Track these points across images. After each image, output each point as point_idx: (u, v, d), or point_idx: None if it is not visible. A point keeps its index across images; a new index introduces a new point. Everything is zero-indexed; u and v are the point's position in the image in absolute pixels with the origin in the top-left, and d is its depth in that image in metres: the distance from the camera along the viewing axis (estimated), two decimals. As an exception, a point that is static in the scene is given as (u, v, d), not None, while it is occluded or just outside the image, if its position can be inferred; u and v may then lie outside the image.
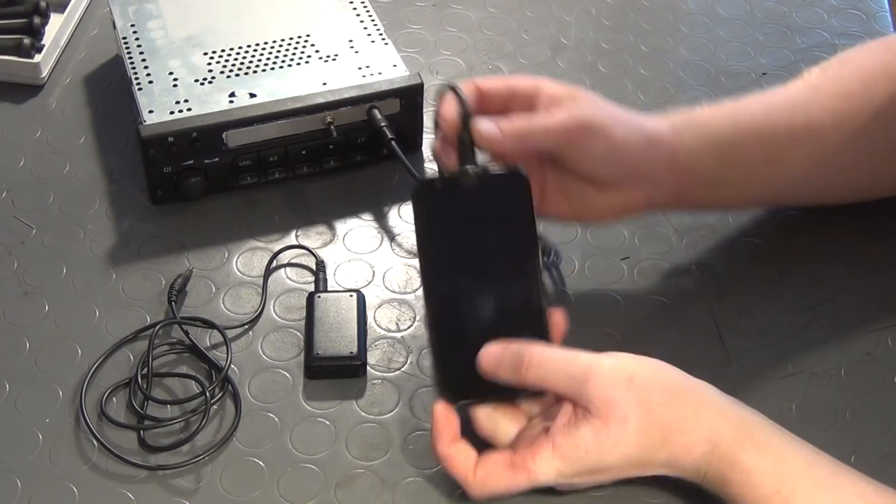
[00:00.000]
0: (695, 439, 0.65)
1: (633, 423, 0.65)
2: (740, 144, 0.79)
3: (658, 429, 0.66)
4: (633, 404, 0.65)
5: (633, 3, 1.09)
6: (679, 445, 0.66)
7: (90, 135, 0.94)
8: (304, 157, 0.88)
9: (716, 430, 0.65)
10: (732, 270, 0.84)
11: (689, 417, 0.66)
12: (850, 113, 0.80)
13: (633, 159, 0.76)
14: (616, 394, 0.65)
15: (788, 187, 0.83)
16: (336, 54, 0.91)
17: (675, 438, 0.66)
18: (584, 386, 0.65)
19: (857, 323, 0.81)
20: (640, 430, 0.65)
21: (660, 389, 0.66)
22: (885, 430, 0.75)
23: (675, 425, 0.66)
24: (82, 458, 0.72)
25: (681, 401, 0.66)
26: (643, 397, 0.65)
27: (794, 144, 0.80)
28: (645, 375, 0.67)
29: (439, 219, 0.70)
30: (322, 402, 0.75)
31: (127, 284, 0.82)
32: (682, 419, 0.66)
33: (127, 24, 0.94)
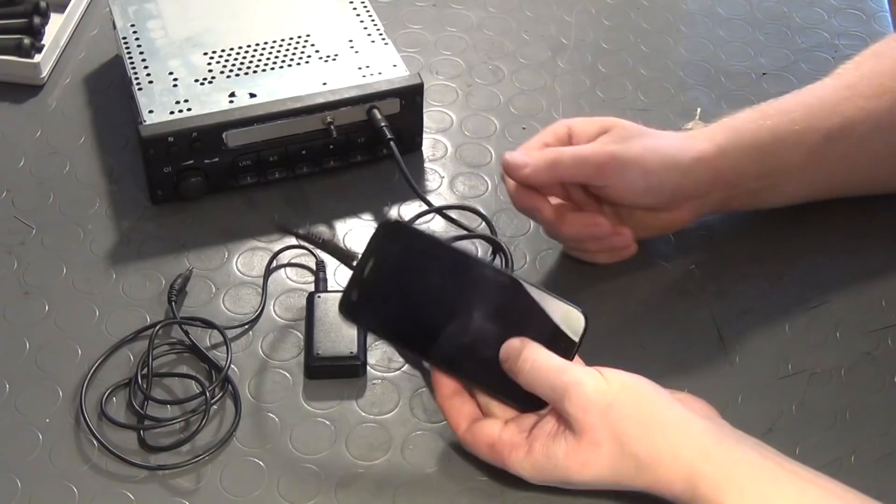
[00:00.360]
0: (672, 476, 0.65)
1: (605, 449, 0.65)
2: (781, 154, 0.80)
3: (631, 460, 0.65)
4: (607, 433, 0.65)
5: (633, 3, 1.09)
6: (656, 478, 0.65)
7: (90, 135, 0.94)
8: (304, 157, 0.88)
9: (695, 472, 0.64)
10: (732, 270, 0.84)
11: (665, 454, 0.65)
12: (885, 110, 0.81)
13: (671, 185, 0.77)
14: (591, 419, 0.65)
15: (828, 186, 0.84)
16: (336, 54, 0.91)
17: (651, 472, 0.65)
18: (562, 401, 0.66)
19: (857, 323, 0.81)
20: (611, 458, 0.65)
21: (637, 423, 0.65)
22: (885, 430, 0.75)
23: (649, 460, 0.65)
24: (82, 458, 0.72)
25: (659, 436, 0.65)
26: (619, 427, 0.65)
27: (831, 145, 0.81)
28: (626, 405, 0.66)
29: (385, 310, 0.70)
30: (322, 402, 0.75)
31: (127, 284, 0.82)
32: (658, 455, 0.65)
33: (127, 24, 0.94)
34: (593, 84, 1.00)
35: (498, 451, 0.68)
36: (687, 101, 0.98)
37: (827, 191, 0.85)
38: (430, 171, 0.92)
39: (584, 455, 0.66)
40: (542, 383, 0.67)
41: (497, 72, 1.01)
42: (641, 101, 0.98)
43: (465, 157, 0.93)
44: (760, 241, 0.86)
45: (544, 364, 0.67)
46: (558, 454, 0.66)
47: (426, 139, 0.93)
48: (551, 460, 0.67)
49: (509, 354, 0.69)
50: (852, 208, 0.88)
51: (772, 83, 1.00)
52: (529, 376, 0.68)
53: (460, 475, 0.71)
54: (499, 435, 0.69)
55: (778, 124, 0.80)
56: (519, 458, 0.68)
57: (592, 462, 0.66)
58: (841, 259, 0.85)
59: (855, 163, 0.83)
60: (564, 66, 1.02)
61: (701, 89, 1.00)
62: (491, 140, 0.94)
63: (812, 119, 0.81)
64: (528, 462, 0.67)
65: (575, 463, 0.66)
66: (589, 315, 0.69)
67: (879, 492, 0.65)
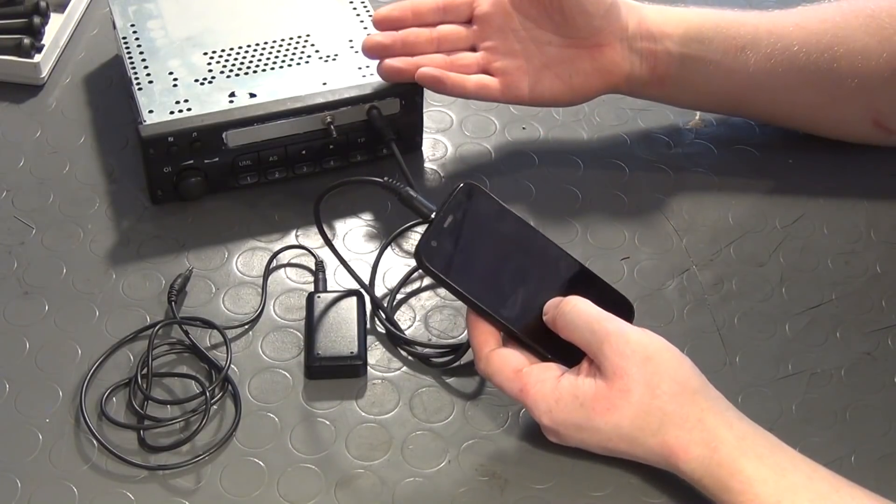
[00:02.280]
0: (693, 439, 0.65)
1: (634, 397, 0.66)
2: (703, 30, 0.85)
3: (657, 414, 0.66)
4: (641, 382, 0.66)
5: (633, 3, 1.09)
6: (675, 439, 0.66)
7: (90, 135, 0.94)
8: (304, 157, 0.88)
9: (717, 437, 0.65)
10: (732, 270, 0.84)
11: (691, 417, 0.66)
12: (814, 31, 0.85)
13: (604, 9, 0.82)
14: (628, 365, 0.66)
15: (747, 87, 0.87)
16: (336, 54, 0.91)
17: (672, 431, 0.66)
18: (601, 345, 0.67)
19: (857, 323, 0.81)
20: (638, 408, 0.66)
21: (672, 380, 0.67)
22: (885, 430, 0.75)
23: (675, 418, 0.66)
24: (82, 458, 0.72)
25: (689, 399, 0.66)
26: (653, 381, 0.66)
27: (755, 42, 0.85)
28: (663, 362, 0.67)
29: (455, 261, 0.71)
30: (322, 402, 0.75)
31: (127, 284, 0.82)
32: (684, 416, 0.66)
33: (127, 24, 0.94)
34: (593, 84, 1.00)
35: (522, 379, 0.68)
36: (687, 101, 0.98)
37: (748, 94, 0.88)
38: (430, 171, 0.92)
39: (612, 399, 0.66)
40: (582, 328, 0.68)
41: (497, 72, 1.01)
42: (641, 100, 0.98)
43: (465, 157, 0.93)
44: (760, 241, 0.86)
45: (586, 310, 0.68)
46: (587, 392, 0.67)
47: (426, 139, 0.93)
48: (578, 398, 0.67)
49: (552, 304, 0.70)
50: (852, 208, 0.88)
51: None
52: (569, 319, 0.68)
53: (460, 475, 0.71)
54: (527, 365, 0.69)
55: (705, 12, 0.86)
56: (545, 392, 0.68)
57: (619, 407, 0.66)
58: (841, 259, 0.85)
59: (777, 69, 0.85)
60: (564, 66, 1.02)
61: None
62: (491, 140, 0.94)
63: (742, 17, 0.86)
64: (552, 397, 0.67)
65: (601, 405, 0.66)
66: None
67: (879, 492, 0.66)
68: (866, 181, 0.90)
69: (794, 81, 0.86)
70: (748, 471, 0.64)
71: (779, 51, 0.85)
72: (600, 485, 0.71)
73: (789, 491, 0.64)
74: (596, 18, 0.83)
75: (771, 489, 0.64)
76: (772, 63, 0.85)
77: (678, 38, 0.85)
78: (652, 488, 0.71)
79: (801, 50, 0.85)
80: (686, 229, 0.87)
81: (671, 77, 0.86)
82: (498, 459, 0.72)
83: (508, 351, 0.70)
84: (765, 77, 0.86)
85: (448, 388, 0.76)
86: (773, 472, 0.64)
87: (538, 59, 0.85)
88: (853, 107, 0.87)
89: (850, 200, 0.89)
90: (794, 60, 0.85)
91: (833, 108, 0.88)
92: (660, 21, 0.85)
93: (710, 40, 0.85)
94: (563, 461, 0.72)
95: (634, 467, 0.71)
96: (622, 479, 0.71)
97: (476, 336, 0.71)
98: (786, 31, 0.85)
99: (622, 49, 0.84)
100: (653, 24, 0.85)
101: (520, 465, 0.72)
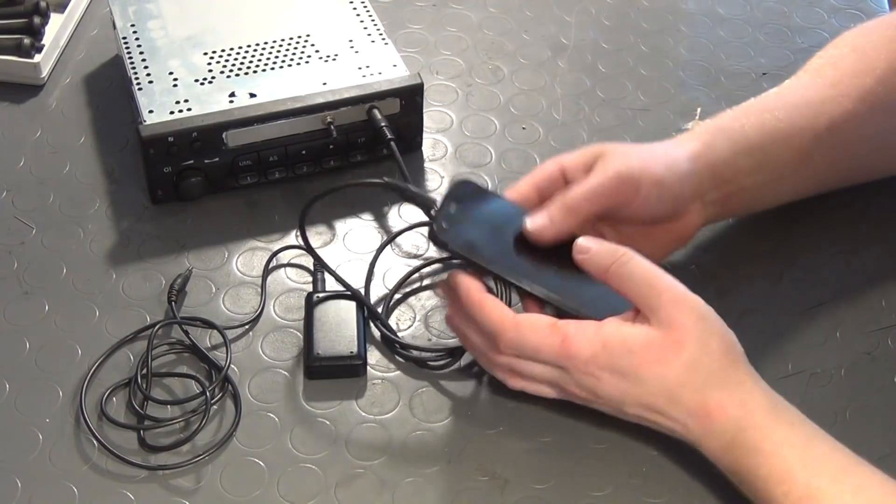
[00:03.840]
0: (732, 400, 0.66)
1: (686, 351, 0.66)
2: (770, 150, 0.81)
3: (704, 371, 0.67)
4: (694, 337, 0.66)
5: (633, 3, 1.09)
6: (713, 399, 0.66)
7: (90, 135, 0.94)
8: (304, 157, 0.88)
9: (754, 399, 0.67)
10: (732, 270, 0.84)
11: (733, 379, 0.67)
12: (866, 111, 0.82)
13: (678, 187, 0.77)
14: (684, 320, 0.67)
15: (815, 184, 0.85)
16: (336, 54, 0.91)
17: (713, 390, 0.67)
18: (658, 297, 0.67)
19: (857, 323, 0.81)
20: (688, 362, 0.66)
21: (721, 342, 0.68)
22: (885, 430, 0.75)
23: (719, 376, 0.67)
24: (82, 458, 0.72)
25: (733, 362, 0.68)
26: (705, 338, 0.67)
27: (818, 144, 0.82)
28: (715, 324, 0.68)
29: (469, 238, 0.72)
30: (322, 402, 0.75)
31: (127, 284, 0.82)
32: (727, 377, 0.67)
33: (127, 24, 0.94)
34: (593, 84, 1.00)
35: (560, 329, 0.68)
36: (687, 101, 0.98)
37: (816, 188, 0.86)
38: (430, 171, 0.92)
39: (664, 349, 0.66)
40: (639, 281, 0.68)
41: (497, 72, 1.01)
42: (641, 101, 0.98)
43: (465, 157, 0.93)
44: (760, 241, 0.86)
45: (644, 263, 0.68)
46: (637, 339, 0.67)
47: (426, 139, 0.93)
48: (626, 343, 0.67)
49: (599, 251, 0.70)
50: (852, 208, 0.88)
51: (772, 83, 0.99)
52: (627, 270, 0.68)
53: (460, 475, 0.71)
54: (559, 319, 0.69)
55: (763, 121, 0.81)
56: (589, 335, 0.67)
57: (669, 359, 0.66)
58: (841, 259, 0.85)
59: (840, 162, 0.84)
60: (564, 66, 1.02)
61: (701, 89, 1.00)
62: (491, 140, 0.94)
63: (798, 118, 0.82)
64: (598, 340, 0.67)
65: (651, 354, 0.67)
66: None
67: (879, 492, 0.66)
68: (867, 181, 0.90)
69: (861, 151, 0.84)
70: (779, 435, 0.65)
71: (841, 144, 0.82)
72: (600, 485, 0.71)
73: (815, 459, 0.65)
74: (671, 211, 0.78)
75: (798, 453, 0.65)
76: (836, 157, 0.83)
77: (749, 170, 0.80)
78: (652, 488, 0.71)
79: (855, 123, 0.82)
80: (686, 229, 0.87)
81: (744, 206, 0.84)
82: (498, 459, 0.72)
83: (532, 313, 0.70)
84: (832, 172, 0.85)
85: (448, 388, 0.76)
86: (802, 440, 0.66)
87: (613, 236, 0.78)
88: None
89: (850, 200, 0.89)
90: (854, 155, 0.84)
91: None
92: (729, 159, 0.79)
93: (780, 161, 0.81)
94: (563, 461, 0.72)
95: (635, 467, 0.71)
96: (622, 479, 0.71)
97: (489, 315, 0.70)
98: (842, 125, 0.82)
99: (697, 209, 0.79)
100: (724, 166, 0.79)
101: (520, 465, 0.72)
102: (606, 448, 0.73)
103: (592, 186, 0.74)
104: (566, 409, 0.74)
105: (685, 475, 0.71)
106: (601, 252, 0.70)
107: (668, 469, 0.71)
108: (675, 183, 0.77)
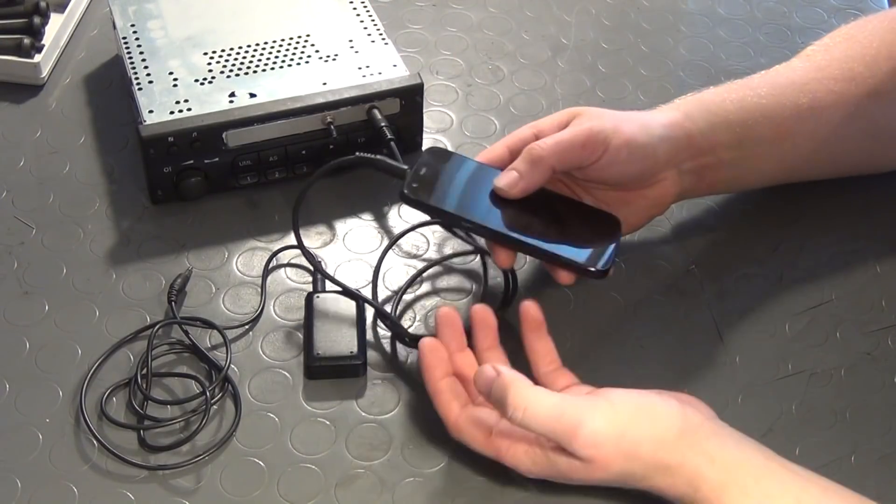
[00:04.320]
0: (677, 481, 0.66)
1: (614, 468, 0.66)
2: (750, 125, 0.81)
3: (640, 466, 0.66)
4: (620, 457, 0.66)
5: (633, 3, 1.09)
6: (661, 481, 0.66)
7: (90, 135, 0.94)
8: (304, 157, 0.88)
9: (700, 475, 0.65)
10: (732, 270, 0.84)
11: (672, 463, 0.66)
12: (852, 94, 0.82)
13: (653, 151, 0.77)
14: (603, 450, 0.66)
15: (796, 164, 0.85)
16: (336, 54, 0.91)
17: (658, 478, 0.66)
18: (571, 441, 0.65)
19: (857, 323, 0.81)
20: (619, 473, 0.66)
21: (651, 440, 0.66)
22: (885, 430, 0.75)
23: (658, 467, 0.66)
24: (82, 458, 0.72)
25: (670, 448, 0.66)
26: (631, 449, 0.66)
27: (800, 123, 0.82)
28: (639, 428, 0.66)
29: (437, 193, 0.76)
30: (322, 402, 0.75)
31: (127, 284, 0.82)
32: (666, 465, 0.66)
33: (127, 24, 0.94)
34: (593, 84, 1.00)
35: (495, 444, 0.68)
36: (687, 101, 0.98)
37: (797, 169, 0.86)
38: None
39: (591, 471, 0.66)
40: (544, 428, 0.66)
41: (497, 72, 1.01)
42: (641, 101, 0.98)
43: (465, 157, 0.93)
44: (760, 241, 0.86)
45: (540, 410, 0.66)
46: (561, 466, 0.67)
47: (426, 139, 0.93)
48: (554, 467, 0.67)
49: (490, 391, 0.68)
50: (852, 208, 0.88)
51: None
52: (526, 420, 0.66)
53: (460, 475, 0.71)
54: (497, 423, 0.69)
55: (744, 97, 0.81)
56: (517, 453, 0.68)
57: (599, 476, 0.67)
58: (841, 259, 0.85)
59: (825, 144, 0.84)
60: (564, 66, 1.02)
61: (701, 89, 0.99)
62: (491, 140, 0.94)
63: (781, 96, 0.82)
64: (527, 458, 0.67)
65: (579, 475, 0.67)
66: (588, 317, 0.69)
67: (879, 492, 0.66)
68: (866, 181, 0.90)
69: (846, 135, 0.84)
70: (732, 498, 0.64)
71: (825, 126, 0.83)
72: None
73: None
74: (644, 173, 0.78)
75: None
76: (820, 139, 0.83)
77: (728, 144, 0.80)
78: (652, 488, 0.71)
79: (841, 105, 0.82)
80: (686, 229, 0.87)
81: (722, 181, 0.83)
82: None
83: (475, 410, 0.70)
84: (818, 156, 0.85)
85: (448, 388, 0.76)
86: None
87: (590, 200, 0.79)
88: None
89: (850, 200, 0.89)
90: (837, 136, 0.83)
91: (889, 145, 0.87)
92: (707, 131, 0.79)
93: (760, 137, 0.81)
94: (563, 461, 0.72)
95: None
96: (622, 479, 0.71)
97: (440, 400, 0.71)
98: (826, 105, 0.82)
99: (672, 176, 0.79)
100: (701, 136, 0.79)
101: (520, 465, 0.72)
102: (606, 448, 0.73)
103: (559, 138, 0.75)
104: (566, 409, 0.74)
105: (685, 475, 0.71)
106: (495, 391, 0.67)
107: (668, 469, 0.71)
108: (647, 145, 0.76)
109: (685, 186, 0.80)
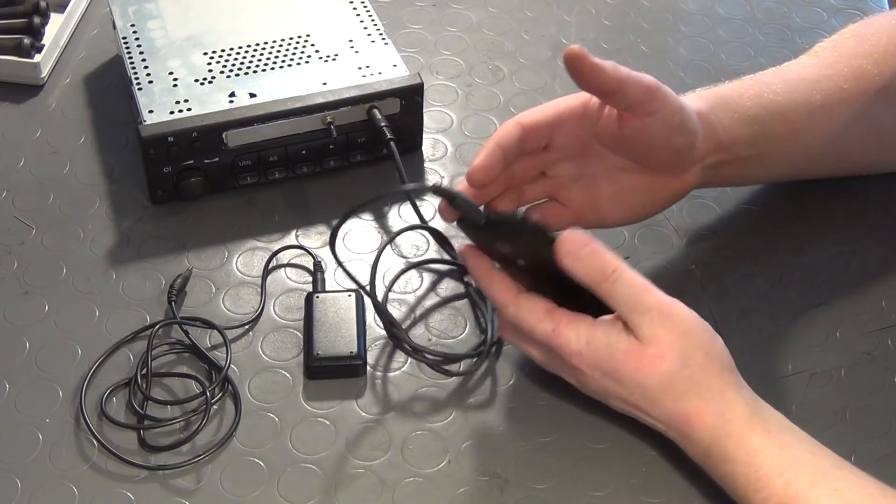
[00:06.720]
0: (710, 408, 0.67)
1: (665, 365, 0.67)
2: (766, 122, 0.81)
3: (683, 382, 0.67)
4: (675, 353, 0.67)
5: (633, 3, 1.09)
6: (693, 407, 0.67)
7: (90, 135, 0.94)
8: (304, 157, 0.88)
9: (732, 409, 0.67)
10: (732, 271, 0.84)
11: (713, 388, 0.67)
12: (860, 91, 0.83)
13: (696, 131, 0.76)
14: (666, 336, 0.67)
15: (806, 162, 0.85)
16: (336, 54, 0.91)
17: (693, 399, 0.67)
18: (642, 315, 0.67)
19: (857, 323, 0.81)
20: (668, 374, 0.67)
21: (705, 353, 0.68)
22: (885, 430, 0.75)
23: (699, 387, 0.67)
24: (82, 458, 0.72)
25: (715, 372, 0.68)
26: (687, 352, 0.67)
27: (812, 120, 0.82)
28: (700, 338, 0.68)
29: None
30: (322, 402, 0.75)
31: (127, 284, 0.82)
32: (708, 386, 0.67)
33: (127, 24, 0.94)
34: (593, 84, 1.00)
35: (555, 318, 0.69)
36: (687, 101, 0.98)
37: (808, 169, 0.86)
38: (430, 171, 0.92)
39: (643, 360, 0.67)
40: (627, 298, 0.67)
41: (497, 72, 1.01)
42: (641, 101, 0.98)
43: (465, 157, 0.93)
44: (760, 241, 0.86)
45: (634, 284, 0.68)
46: (619, 345, 0.67)
47: (426, 139, 0.94)
48: (610, 347, 0.67)
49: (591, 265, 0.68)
50: (852, 208, 0.88)
51: (772, 83, 0.99)
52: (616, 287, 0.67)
53: (460, 475, 0.71)
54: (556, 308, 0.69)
55: (760, 93, 0.81)
56: (577, 330, 0.68)
57: (648, 370, 0.67)
58: (841, 259, 0.85)
59: (833, 142, 0.84)
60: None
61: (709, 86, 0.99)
62: (491, 140, 0.94)
63: (794, 93, 0.82)
64: (585, 335, 0.68)
65: (631, 362, 0.67)
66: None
67: (879, 492, 0.66)
68: (866, 181, 0.90)
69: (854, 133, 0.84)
70: (754, 444, 0.66)
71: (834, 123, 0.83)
72: (600, 485, 0.71)
73: (793, 465, 0.65)
74: (684, 153, 0.77)
75: (774, 462, 0.65)
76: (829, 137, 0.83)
77: (745, 140, 0.79)
78: (652, 488, 0.71)
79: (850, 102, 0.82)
80: (686, 229, 0.87)
81: (735, 177, 0.84)
82: (498, 459, 0.72)
83: (532, 295, 0.71)
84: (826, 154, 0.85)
85: (448, 387, 0.76)
86: (778, 447, 0.66)
87: (611, 187, 0.78)
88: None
89: (850, 200, 0.89)
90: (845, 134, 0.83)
91: None
92: (728, 125, 0.79)
93: (775, 135, 0.81)
94: (563, 461, 0.72)
95: (635, 467, 0.71)
96: (622, 479, 0.71)
97: (495, 287, 0.71)
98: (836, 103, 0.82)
99: (696, 170, 0.79)
100: (723, 131, 0.78)
101: (520, 465, 0.72)
102: (606, 448, 0.73)
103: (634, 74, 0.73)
104: (566, 410, 0.74)
105: (685, 475, 0.71)
106: (593, 266, 0.68)
107: (668, 469, 0.72)
108: (693, 121, 0.75)
109: (703, 181, 0.81)
